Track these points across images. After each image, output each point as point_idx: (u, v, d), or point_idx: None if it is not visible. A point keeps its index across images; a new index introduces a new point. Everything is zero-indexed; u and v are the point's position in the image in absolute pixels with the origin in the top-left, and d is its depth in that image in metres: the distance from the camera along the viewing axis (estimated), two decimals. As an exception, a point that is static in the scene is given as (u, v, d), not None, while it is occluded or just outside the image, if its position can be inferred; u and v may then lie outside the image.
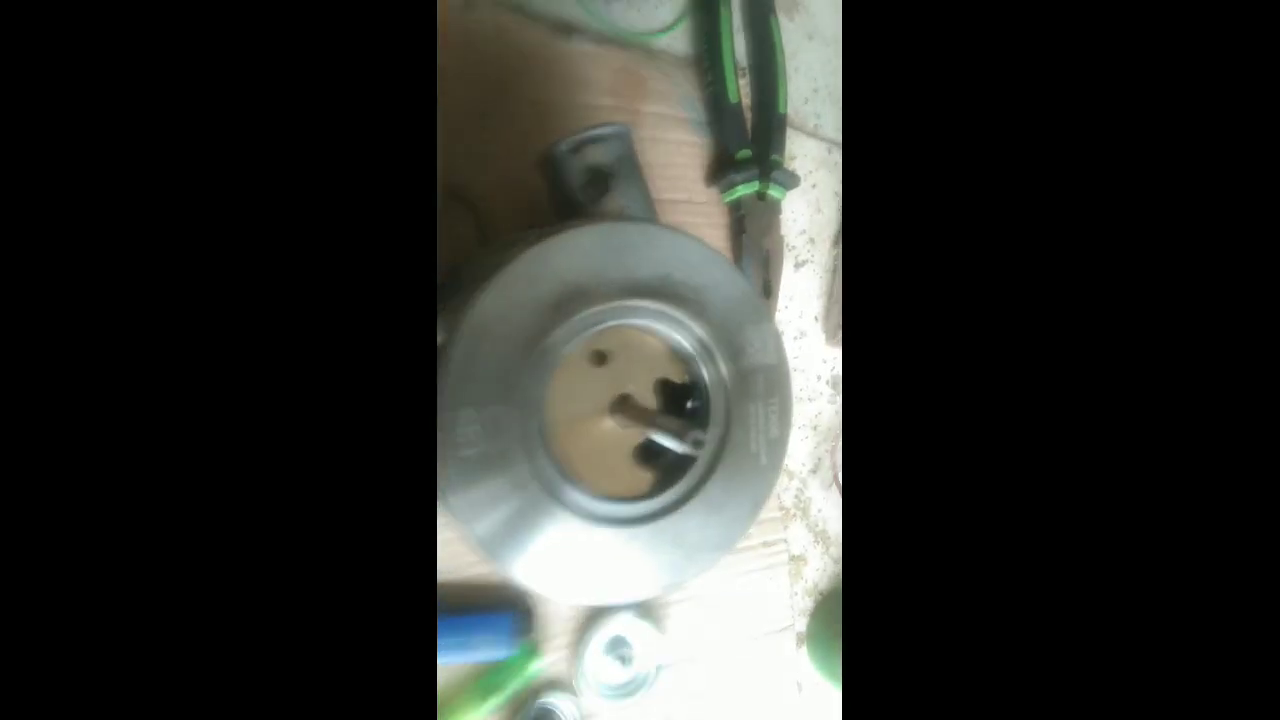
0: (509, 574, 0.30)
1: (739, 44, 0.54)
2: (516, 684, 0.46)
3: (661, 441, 0.31)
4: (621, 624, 0.50)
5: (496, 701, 0.45)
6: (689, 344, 0.34)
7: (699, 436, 0.28)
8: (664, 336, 0.34)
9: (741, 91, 0.53)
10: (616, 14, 0.50)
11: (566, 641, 0.49)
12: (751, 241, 0.54)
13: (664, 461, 0.34)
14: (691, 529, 0.33)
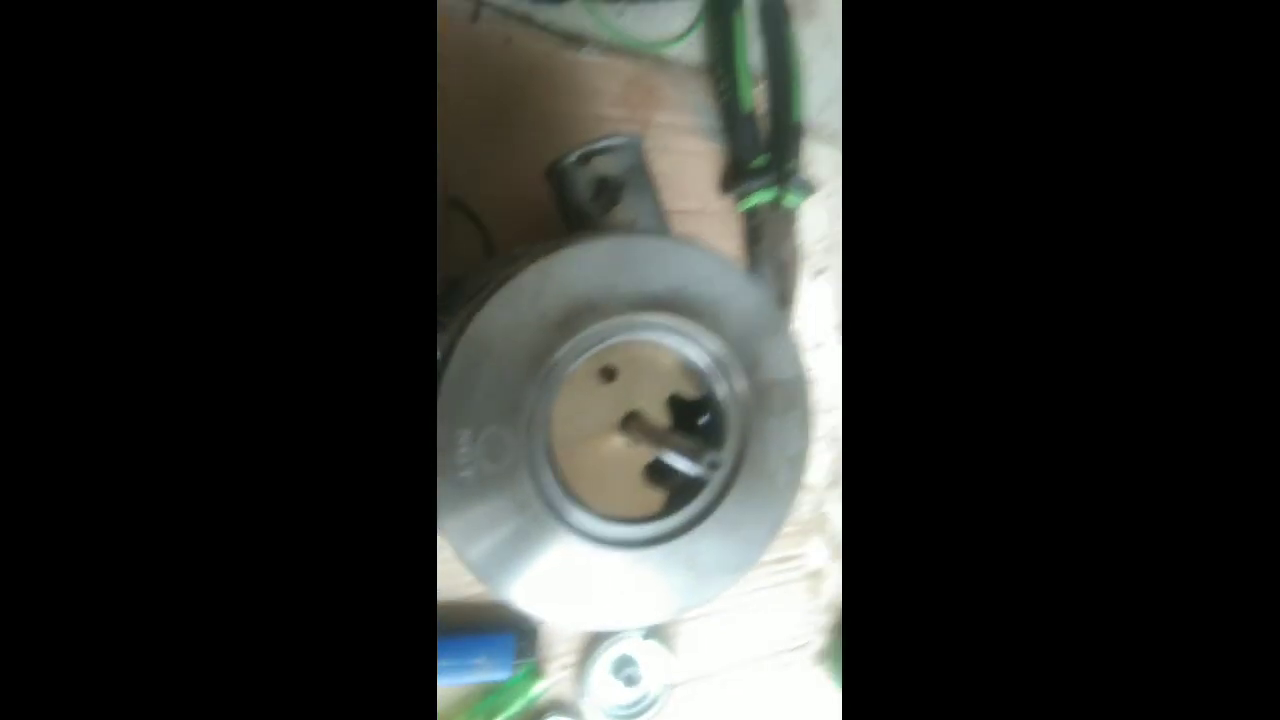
0: (508, 599, 0.29)
1: (753, 51, 0.53)
2: (519, 706, 0.45)
3: (674, 463, 0.30)
4: (628, 643, 0.49)
5: (500, 724, 0.44)
6: (702, 359, 0.32)
7: (715, 458, 0.27)
8: (675, 351, 0.33)
9: (756, 99, 0.52)
10: (628, 23, 0.49)
11: (571, 661, 0.48)
12: (767, 250, 0.53)
13: (676, 481, 0.33)
14: (705, 551, 0.32)
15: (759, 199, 0.52)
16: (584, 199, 0.40)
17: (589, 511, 0.31)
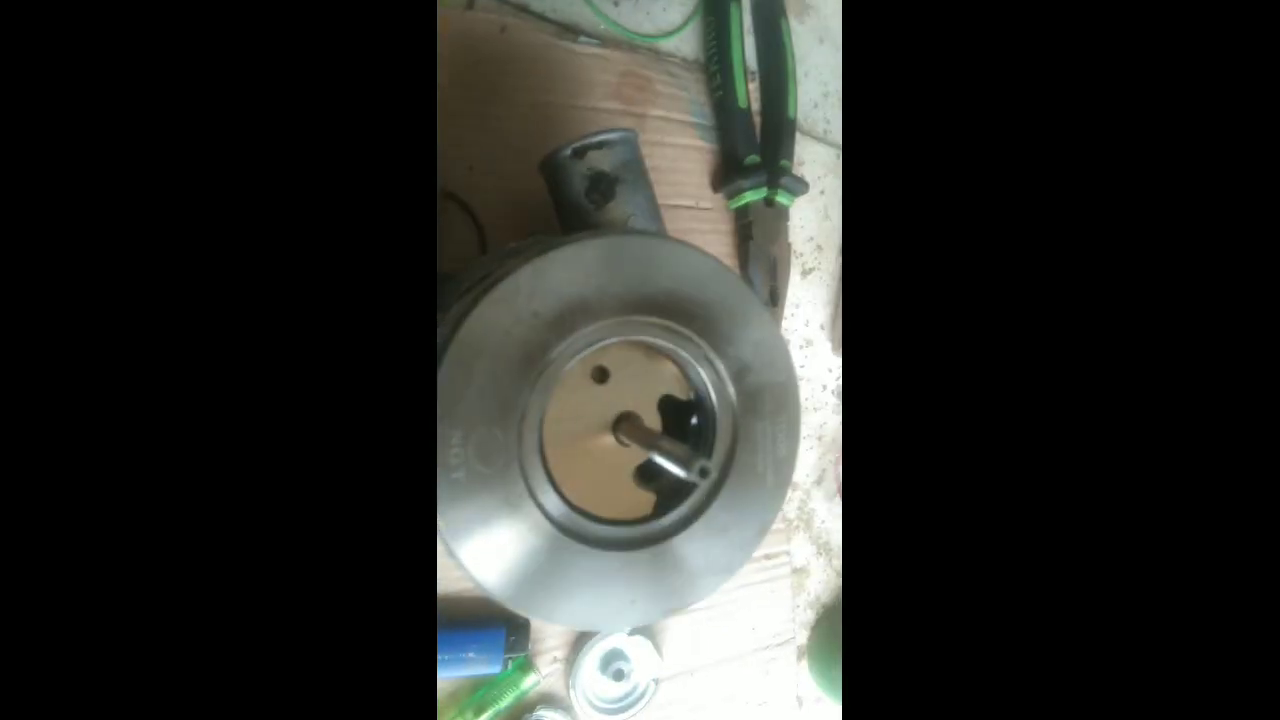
0: (498, 598, 0.29)
1: (748, 47, 0.52)
2: (509, 700, 0.45)
3: (665, 465, 0.30)
4: (617, 638, 0.49)
5: (489, 717, 0.44)
6: (694, 361, 0.32)
7: (705, 465, 0.27)
8: (668, 353, 0.33)
9: (750, 95, 0.51)
10: (623, 16, 0.49)
11: (561, 656, 0.48)
12: (758, 248, 0.53)
13: (667, 482, 0.33)
14: (694, 553, 0.32)
15: (750, 197, 0.52)
16: (578, 194, 0.40)
17: (580, 513, 0.31)
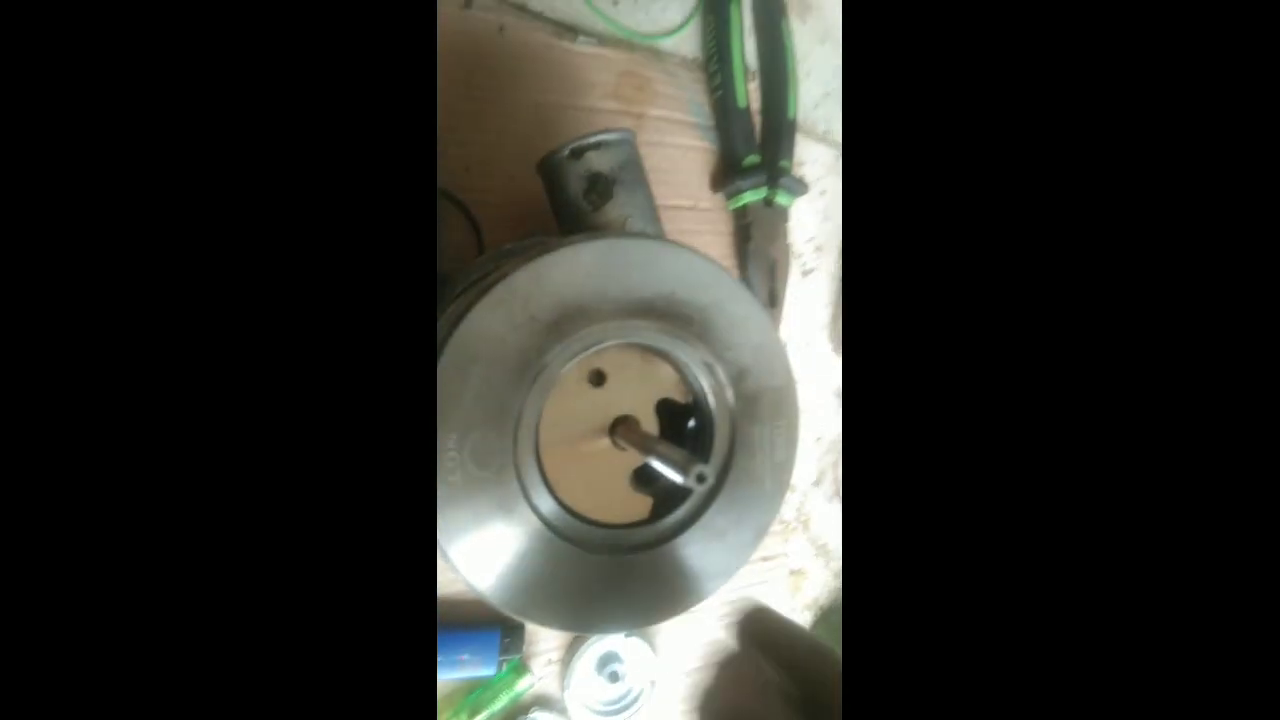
0: (493, 602, 0.29)
1: (748, 46, 0.52)
2: (503, 701, 0.45)
3: (662, 470, 0.30)
4: (612, 641, 0.49)
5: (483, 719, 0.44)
6: (692, 364, 0.32)
7: (703, 471, 0.26)
8: (665, 356, 0.32)
9: (750, 95, 0.51)
10: (622, 15, 0.48)
11: (555, 658, 0.48)
12: (757, 249, 0.52)
13: (664, 486, 0.33)
14: (691, 557, 0.32)
15: (750, 198, 0.51)
16: (576, 195, 0.40)
17: (575, 516, 0.30)
